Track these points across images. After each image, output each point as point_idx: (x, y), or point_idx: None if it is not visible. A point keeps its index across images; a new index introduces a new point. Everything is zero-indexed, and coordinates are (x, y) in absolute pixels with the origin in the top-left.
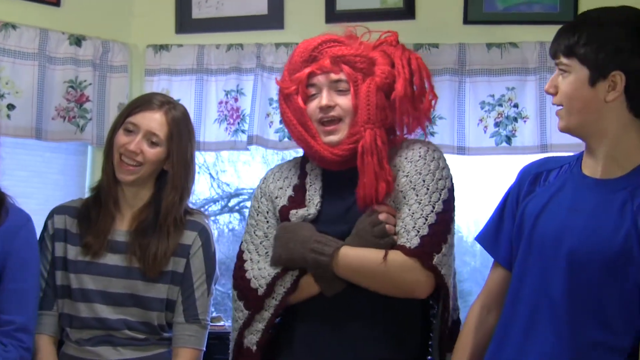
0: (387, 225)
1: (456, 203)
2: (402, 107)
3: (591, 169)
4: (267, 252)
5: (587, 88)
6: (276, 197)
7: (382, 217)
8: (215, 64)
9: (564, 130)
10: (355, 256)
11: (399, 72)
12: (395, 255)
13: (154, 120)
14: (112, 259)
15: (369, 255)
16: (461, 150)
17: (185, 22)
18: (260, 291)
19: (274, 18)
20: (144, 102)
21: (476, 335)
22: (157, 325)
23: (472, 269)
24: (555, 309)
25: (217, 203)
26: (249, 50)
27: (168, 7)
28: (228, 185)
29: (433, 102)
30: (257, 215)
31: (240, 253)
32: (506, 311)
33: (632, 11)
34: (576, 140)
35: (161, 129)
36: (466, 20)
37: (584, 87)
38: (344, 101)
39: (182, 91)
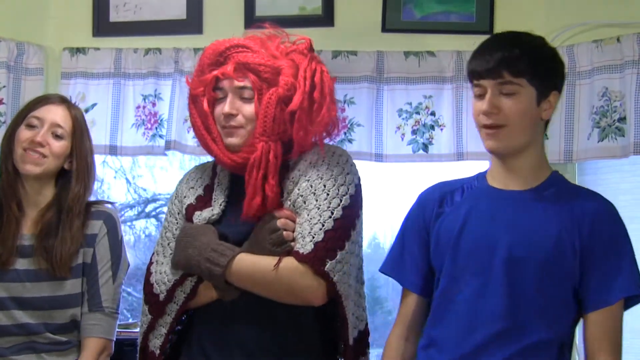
0: (284, 232)
1: (362, 209)
2: (299, 120)
3: (504, 182)
4: (171, 254)
5: (534, 107)
6: (185, 197)
7: (280, 223)
8: (133, 68)
9: (504, 150)
10: (248, 265)
11: (299, 85)
12: (287, 262)
13: (58, 114)
14: (21, 264)
15: (262, 263)
16: (379, 157)
17: (103, 25)
18: (162, 297)
19: (192, 23)
20: (44, 99)
21: None
22: (79, 320)
23: None
24: (494, 313)
25: (133, 208)
26: (167, 55)
27: (85, 10)
28: (145, 190)
29: (329, 115)
30: (170, 216)
31: (152, 255)
32: (432, 325)
33: (540, 37)
34: None
35: (65, 122)
36: (384, 29)
37: (532, 107)
38: (248, 109)
39: (99, 95)
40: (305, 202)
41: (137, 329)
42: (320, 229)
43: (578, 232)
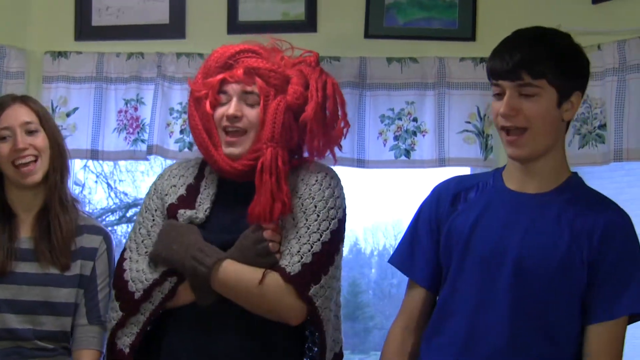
0: (270, 244)
1: (345, 232)
2: (312, 130)
3: (521, 184)
4: (146, 252)
5: (555, 109)
6: (166, 195)
7: (267, 234)
8: (115, 73)
9: (527, 157)
10: (233, 272)
11: (312, 95)
12: (272, 279)
13: (20, 113)
14: (20, 267)
15: (247, 274)
16: (361, 163)
17: (85, 29)
18: (137, 295)
19: (175, 27)
20: None
21: (399, 358)
22: (68, 330)
23: (369, 280)
24: (498, 323)
25: (114, 213)
26: (149, 59)
27: (67, 14)
28: (126, 194)
29: (345, 130)
30: (145, 212)
31: (123, 250)
32: (434, 329)
33: (565, 34)
34: (474, 155)
35: (30, 116)
36: (367, 34)
37: (553, 108)
38: (252, 114)
39: (80, 99)
40: (294, 219)
41: None
42: (309, 251)
43: (588, 242)
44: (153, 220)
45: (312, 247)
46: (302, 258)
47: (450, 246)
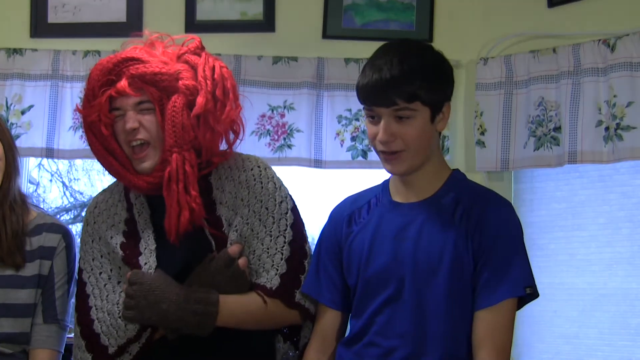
0: (240, 261)
1: (303, 217)
2: (206, 121)
3: (405, 195)
4: (107, 295)
5: (429, 125)
6: (111, 237)
7: (242, 263)
8: (71, 70)
9: (404, 172)
10: (236, 307)
11: (201, 85)
12: (265, 297)
13: None
14: None
15: (248, 302)
16: (318, 163)
17: (41, 26)
18: (111, 350)
19: (132, 26)
20: None
21: None
22: (28, 332)
23: None
24: (405, 320)
25: (69, 212)
26: None
27: (23, 10)
28: (81, 193)
29: (240, 112)
30: (101, 257)
31: (85, 296)
32: (350, 339)
33: (429, 46)
34: None
35: None
36: (325, 35)
37: (428, 126)
38: (150, 121)
39: (35, 97)
40: (253, 230)
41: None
42: (281, 259)
43: (471, 237)
44: (110, 263)
45: (282, 254)
46: (277, 270)
47: (353, 268)
